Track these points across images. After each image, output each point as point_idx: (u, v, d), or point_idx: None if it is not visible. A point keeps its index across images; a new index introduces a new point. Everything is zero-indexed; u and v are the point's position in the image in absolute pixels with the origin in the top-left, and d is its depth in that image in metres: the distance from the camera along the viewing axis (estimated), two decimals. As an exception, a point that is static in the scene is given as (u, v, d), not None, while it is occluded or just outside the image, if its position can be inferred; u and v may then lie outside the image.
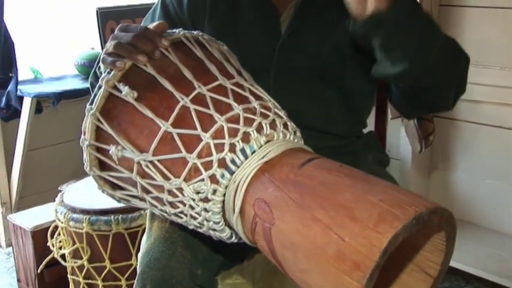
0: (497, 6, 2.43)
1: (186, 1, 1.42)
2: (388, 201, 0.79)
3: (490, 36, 2.48)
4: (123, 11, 2.94)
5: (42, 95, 2.61)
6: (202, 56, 1.04)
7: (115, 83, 1.00)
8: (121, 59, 1.01)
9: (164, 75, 0.99)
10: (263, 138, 0.94)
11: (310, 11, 1.36)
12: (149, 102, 0.97)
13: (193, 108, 0.95)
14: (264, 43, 1.37)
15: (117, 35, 1.06)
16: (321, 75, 1.37)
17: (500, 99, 2.46)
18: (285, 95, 1.13)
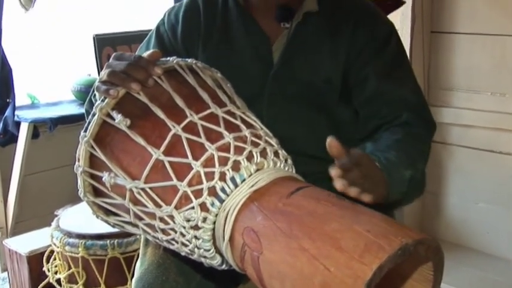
0: (486, 33, 2.47)
1: (180, 30, 1.43)
2: (374, 231, 0.80)
3: (480, 62, 2.51)
4: (120, 38, 2.96)
5: (39, 120, 2.62)
6: (195, 83, 1.05)
7: (108, 110, 1.01)
8: (114, 87, 1.02)
9: (157, 104, 1.00)
10: (253, 166, 0.95)
11: (303, 40, 1.37)
12: (142, 130, 0.98)
13: (185, 137, 0.96)
14: (257, 71, 1.38)
15: (111, 63, 1.07)
16: (313, 103, 1.38)
17: (491, 123, 2.48)
18: (277, 122, 1.14)
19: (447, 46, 2.59)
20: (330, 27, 1.37)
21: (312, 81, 1.36)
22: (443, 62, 2.60)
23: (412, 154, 1.22)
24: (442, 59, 2.61)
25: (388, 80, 1.34)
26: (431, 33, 2.61)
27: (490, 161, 2.54)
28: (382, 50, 1.37)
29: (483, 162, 2.56)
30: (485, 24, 2.47)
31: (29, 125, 2.59)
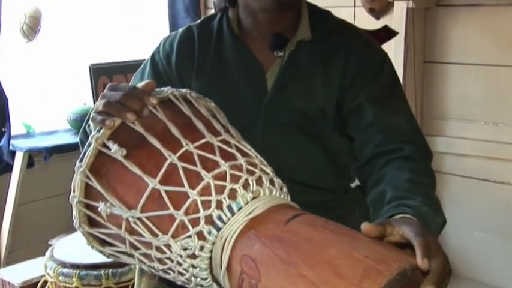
0: (479, 63, 2.50)
1: (174, 59, 1.44)
2: (372, 257, 0.80)
3: (473, 92, 2.53)
4: (115, 67, 2.98)
5: (34, 149, 2.63)
6: (190, 113, 1.06)
7: (104, 140, 1.01)
8: (110, 118, 1.02)
9: (152, 133, 1.00)
10: (249, 194, 0.95)
11: (296, 69, 1.38)
12: (137, 160, 0.98)
13: (181, 166, 0.96)
14: (251, 100, 1.39)
15: (106, 94, 1.08)
16: (307, 131, 1.38)
17: (485, 152, 2.49)
18: (271, 150, 1.14)
19: (440, 76, 2.62)
20: (323, 55, 1.38)
21: (306, 110, 1.37)
22: (437, 92, 2.63)
23: (434, 196, 1.21)
24: (435, 88, 2.63)
25: (384, 108, 1.34)
26: (424, 63, 2.63)
27: (484, 190, 2.54)
28: (376, 78, 1.37)
29: (478, 191, 2.56)
30: (478, 54, 2.50)
31: (24, 154, 2.59)
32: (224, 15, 1.46)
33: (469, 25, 2.51)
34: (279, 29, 1.39)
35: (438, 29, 2.59)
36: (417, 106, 2.58)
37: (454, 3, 2.53)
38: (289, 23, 1.40)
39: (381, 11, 2.70)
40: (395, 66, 2.46)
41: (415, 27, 2.51)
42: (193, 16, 3.45)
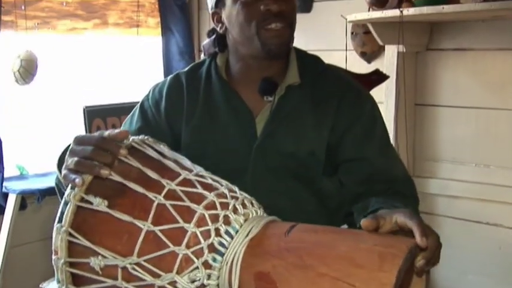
0: (469, 106, 2.53)
1: (163, 105, 1.46)
2: (380, 244, 0.90)
3: (464, 134, 2.56)
4: (109, 109, 2.99)
5: (27, 191, 2.61)
6: (158, 156, 1.08)
7: (82, 195, 1.01)
8: (80, 175, 1.01)
9: (131, 180, 1.01)
10: (241, 217, 0.99)
11: (286, 113, 1.40)
12: (122, 208, 0.99)
13: (169, 204, 0.98)
14: (241, 144, 1.41)
15: (75, 150, 1.05)
16: (297, 175, 1.40)
17: (477, 194, 2.50)
18: (262, 194, 1.14)
19: (431, 118, 2.64)
20: (313, 100, 1.41)
21: (295, 153, 1.39)
22: (428, 134, 2.65)
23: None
24: (427, 130, 2.66)
25: (382, 160, 1.41)
26: (415, 105, 2.66)
27: (477, 232, 2.54)
28: (373, 130, 1.43)
29: (471, 233, 2.56)
30: (468, 97, 2.53)
31: (17, 197, 2.58)
32: (212, 62, 1.49)
33: (459, 69, 2.55)
34: (268, 74, 1.42)
35: (429, 73, 2.63)
36: (409, 148, 2.60)
37: (443, 48, 2.58)
38: (278, 68, 1.43)
39: (373, 55, 2.75)
40: (387, 109, 2.52)
41: (406, 70, 2.54)
42: (188, 59, 3.50)
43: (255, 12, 1.35)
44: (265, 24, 1.35)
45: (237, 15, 1.37)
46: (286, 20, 1.37)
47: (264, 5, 1.34)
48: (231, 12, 1.38)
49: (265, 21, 1.35)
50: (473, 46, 2.49)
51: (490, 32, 2.42)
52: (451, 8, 2.07)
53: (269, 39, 1.36)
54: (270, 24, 1.35)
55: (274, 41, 1.36)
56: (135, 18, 3.45)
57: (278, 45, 1.37)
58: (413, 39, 2.54)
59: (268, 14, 1.35)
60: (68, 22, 3.18)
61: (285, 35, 1.38)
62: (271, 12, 1.34)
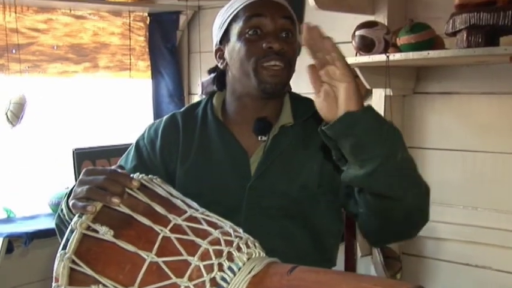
0: (455, 148, 2.56)
1: (159, 144, 1.48)
2: (380, 284, 0.91)
3: (451, 177, 2.58)
4: (99, 152, 3.00)
5: (14, 234, 2.59)
6: (166, 194, 1.11)
7: (89, 224, 1.03)
8: (91, 203, 1.04)
9: (138, 212, 1.04)
10: (245, 256, 1.00)
11: (279, 152, 1.43)
12: (128, 238, 1.01)
13: (174, 237, 1.00)
14: (235, 184, 1.42)
15: (85, 179, 1.09)
16: (290, 213, 1.41)
17: (465, 237, 2.51)
18: (255, 234, 1.14)
19: (419, 161, 2.65)
20: (304, 138, 1.44)
21: (288, 191, 1.41)
22: (416, 177, 2.66)
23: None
24: (415, 173, 2.67)
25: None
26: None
27: (466, 275, 2.54)
28: None
29: (460, 275, 2.56)
30: (454, 140, 2.56)
31: (4, 240, 2.55)
32: (209, 102, 1.52)
33: (445, 112, 2.59)
34: (263, 114, 1.45)
35: (416, 116, 2.66)
36: (397, 190, 2.61)
37: (430, 91, 2.62)
38: (272, 109, 1.47)
39: (360, 98, 2.77)
40: (375, 152, 2.52)
41: (394, 113, 2.57)
42: (177, 101, 3.53)
43: (256, 48, 1.39)
44: (264, 61, 1.38)
45: (239, 51, 1.41)
46: (285, 59, 1.40)
47: (267, 43, 1.38)
48: (234, 48, 1.42)
49: (264, 57, 1.38)
50: (459, 90, 2.53)
51: (475, 77, 2.47)
52: (436, 54, 2.11)
53: (266, 77, 1.39)
54: (269, 62, 1.38)
55: (271, 80, 1.39)
56: (125, 61, 3.49)
57: (274, 84, 1.40)
58: (400, 83, 2.58)
59: (269, 52, 1.38)
60: (58, 65, 3.21)
61: (282, 75, 1.41)
62: (272, 50, 1.38)
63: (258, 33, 1.40)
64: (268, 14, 1.40)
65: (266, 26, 1.40)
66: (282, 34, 1.41)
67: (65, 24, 3.23)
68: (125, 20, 3.46)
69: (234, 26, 1.43)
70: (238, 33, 1.42)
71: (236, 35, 1.42)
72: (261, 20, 1.40)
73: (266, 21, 1.40)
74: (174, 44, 3.56)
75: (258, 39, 1.39)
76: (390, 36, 2.31)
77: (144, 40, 3.56)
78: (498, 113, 2.44)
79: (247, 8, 1.42)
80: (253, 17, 1.40)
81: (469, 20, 1.94)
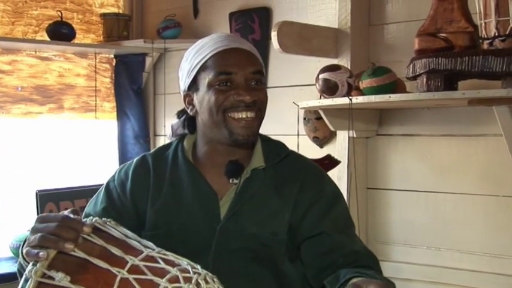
0: (418, 189, 2.59)
1: (129, 186, 1.48)
2: None
3: (415, 217, 2.60)
4: (63, 193, 2.96)
5: (-27, 279, 2.53)
6: (121, 235, 1.11)
7: (44, 271, 1.02)
8: (44, 250, 1.03)
9: (94, 256, 1.03)
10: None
11: (250, 195, 1.44)
12: (84, 283, 1.00)
13: (133, 278, 1.00)
14: (204, 225, 1.42)
15: (37, 227, 1.09)
16: (259, 257, 1.41)
17: (429, 277, 2.51)
18: (223, 277, 1.15)
19: (383, 202, 2.69)
20: (276, 183, 1.45)
21: (258, 234, 1.41)
22: (380, 217, 2.69)
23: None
24: (379, 214, 2.69)
25: (342, 236, 1.43)
26: (367, 189, 2.71)
27: (431, 315, 2.55)
28: (333, 208, 1.46)
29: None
30: (417, 181, 2.59)
31: (-37, 284, 2.49)
32: (179, 144, 1.53)
33: (407, 153, 2.62)
34: (234, 158, 1.46)
35: (379, 157, 2.69)
36: (362, 231, 2.62)
37: (392, 133, 2.66)
38: (244, 153, 1.47)
39: (325, 140, 2.81)
40: (340, 192, 2.54)
41: (357, 155, 2.59)
42: (142, 143, 3.51)
43: (226, 100, 1.40)
44: (234, 112, 1.40)
45: (208, 101, 1.41)
46: (256, 108, 1.42)
47: (238, 95, 1.39)
48: (204, 97, 1.42)
49: (234, 109, 1.40)
50: (420, 132, 2.57)
51: (435, 119, 2.52)
52: (397, 97, 2.15)
53: (237, 128, 1.40)
54: (239, 113, 1.39)
55: (242, 132, 1.40)
56: (90, 102, 3.48)
57: (246, 136, 1.41)
58: (363, 125, 2.62)
59: (240, 103, 1.39)
60: (22, 106, 3.19)
61: (253, 125, 1.42)
62: (243, 102, 1.39)
63: (228, 85, 1.40)
64: (238, 71, 1.40)
65: (236, 79, 1.41)
66: (252, 83, 1.42)
67: (30, 66, 3.22)
68: (91, 62, 3.47)
69: (203, 76, 1.43)
70: (208, 84, 1.41)
71: (205, 85, 1.42)
72: (231, 77, 1.40)
73: (236, 76, 1.41)
74: (140, 86, 3.56)
75: (228, 89, 1.40)
76: (353, 79, 2.35)
77: (110, 81, 3.56)
78: (457, 154, 2.48)
79: (216, 60, 1.42)
80: (223, 74, 1.40)
81: (429, 64, 1.99)
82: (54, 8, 3.29)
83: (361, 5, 2.67)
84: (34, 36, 3.23)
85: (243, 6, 3.16)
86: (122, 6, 3.61)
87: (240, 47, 1.45)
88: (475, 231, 2.44)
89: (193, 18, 3.39)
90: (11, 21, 3.14)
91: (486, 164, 2.41)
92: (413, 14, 2.54)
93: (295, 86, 2.94)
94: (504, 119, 2.02)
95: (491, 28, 1.92)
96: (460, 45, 2.00)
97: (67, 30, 3.19)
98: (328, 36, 2.66)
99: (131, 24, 3.54)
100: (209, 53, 1.43)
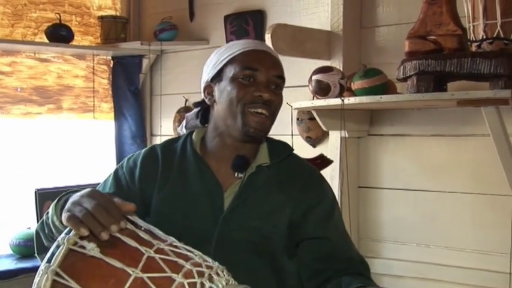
0: (408, 188, 2.59)
1: (138, 173, 1.50)
2: None
3: (405, 215, 2.61)
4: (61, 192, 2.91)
5: (-27, 276, 2.50)
6: (147, 225, 1.17)
7: (76, 240, 1.07)
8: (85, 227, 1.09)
9: (124, 235, 1.09)
10: (223, 280, 1.07)
11: (254, 190, 1.46)
12: (113, 256, 1.05)
13: (159, 257, 1.05)
14: (208, 216, 1.44)
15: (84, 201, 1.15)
16: (259, 249, 1.43)
17: (419, 274, 2.52)
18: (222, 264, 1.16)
19: (374, 200, 2.69)
20: (278, 180, 1.48)
21: (259, 228, 1.43)
22: (371, 215, 2.69)
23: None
24: (370, 212, 2.70)
25: (341, 241, 1.49)
26: (358, 188, 2.71)
27: (420, 310, 2.55)
28: (332, 213, 1.50)
29: (414, 311, 2.56)
30: (407, 179, 2.59)
31: (-37, 281, 2.46)
32: (188, 138, 1.56)
33: (397, 153, 2.63)
34: (242, 152, 1.48)
35: (370, 157, 2.70)
36: (353, 229, 2.62)
37: (383, 133, 2.66)
38: (250, 149, 1.50)
39: (317, 140, 2.81)
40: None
41: (349, 154, 2.60)
42: (139, 142, 3.51)
43: (247, 94, 1.44)
44: (252, 107, 1.43)
45: (230, 92, 1.45)
46: (271, 109, 1.46)
47: (258, 91, 1.44)
48: (226, 88, 1.46)
49: (253, 104, 1.43)
50: (410, 132, 2.58)
51: (425, 120, 2.52)
52: (388, 98, 2.16)
53: (251, 122, 1.44)
54: (256, 108, 1.43)
55: (255, 125, 1.44)
56: (88, 103, 3.47)
57: (258, 130, 1.45)
58: (355, 126, 2.62)
59: (258, 99, 1.43)
60: (22, 107, 3.17)
61: (266, 123, 1.46)
62: (261, 99, 1.43)
63: (251, 81, 1.44)
64: (263, 70, 1.45)
65: (259, 77, 1.45)
66: (272, 86, 1.47)
67: (29, 67, 3.20)
68: (89, 63, 3.45)
69: (229, 69, 1.47)
70: (232, 76, 1.45)
71: (230, 77, 1.46)
72: (255, 73, 1.45)
73: (260, 75, 1.45)
74: (137, 87, 3.55)
75: (250, 85, 1.44)
76: (345, 80, 2.35)
77: (107, 83, 3.55)
78: (447, 154, 2.49)
79: (245, 56, 1.47)
80: (249, 69, 1.45)
81: (419, 66, 1.99)
82: (53, 10, 3.27)
83: (353, 8, 2.68)
84: (33, 38, 3.21)
85: (238, 9, 3.15)
86: (120, 9, 3.59)
87: (269, 51, 1.52)
88: (463, 229, 2.45)
89: (189, 20, 3.37)
90: (10, 23, 3.12)
91: (474, 164, 2.41)
92: (404, 17, 2.55)
93: (288, 87, 2.90)
94: (492, 119, 2.02)
95: (479, 31, 1.93)
96: (449, 47, 2.01)
97: (65, 33, 3.18)
98: (321, 39, 2.66)
99: (128, 26, 3.53)
100: (240, 49, 1.48)
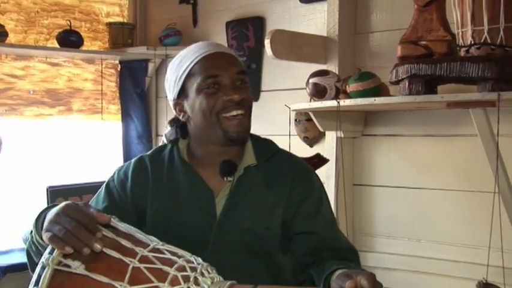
0: (400, 185, 2.61)
1: (129, 185, 1.48)
2: None
3: (397, 212, 2.62)
4: (71, 189, 2.97)
5: (-12, 268, 2.54)
6: (128, 229, 1.14)
7: (60, 259, 1.04)
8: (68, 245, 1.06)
9: (106, 247, 1.06)
10: (208, 279, 1.05)
11: (244, 192, 1.44)
12: (98, 271, 1.02)
13: (144, 267, 1.02)
14: (202, 222, 1.43)
15: (60, 220, 1.10)
16: (254, 250, 1.42)
17: (410, 267, 2.53)
18: (220, 267, 1.17)
19: (368, 197, 2.70)
20: (267, 179, 1.46)
21: (253, 229, 1.42)
22: (365, 211, 2.71)
23: None
24: (364, 208, 2.71)
25: (329, 234, 1.46)
26: (353, 185, 2.72)
27: (411, 302, 2.57)
28: (320, 206, 1.48)
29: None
30: (399, 177, 2.61)
31: (-22, 274, 2.50)
32: (174, 146, 1.51)
33: (391, 152, 2.64)
34: (227, 157, 1.46)
35: (364, 156, 2.71)
36: (348, 224, 2.64)
37: (377, 134, 2.67)
38: (236, 152, 1.48)
39: (314, 140, 2.82)
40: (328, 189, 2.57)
41: (344, 154, 2.60)
42: (145, 143, 3.53)
43: (217, 101, 1.41)
44: (226, 112, 1.41)
45: (200, 104, 1.42)
46: (245, 107, 1.43)
47: (226, 95, 1.40)
48: (195, 102, 1.43)
49: (226, 109, 1.41)
50: (403, 132, 2.59)
51: (416, 121, 2.54)
52: (382, 100, 2.17)
53: (230, 126, 1.41)
54: (230, 112, 1.41)
55: (235, 129, 1.41)
56: (97, 105, 3.50)
57: (239, 132, 1.42)
58: (350, 126, 2.63)
59: (230, 103, 1.41)
60: (34, 109, 3.21)
61: (244, 122, 1.43)
62: (232, 101, 1.41)
63: (216, 87, 1.41)
64: (224, 73, 1.42)
65: (223, 81, 1.42)
66: (237, 83, 1.43)
67: (41, 71, 3.24)
68: (97, 67, 3.48)
69: (191, 82, 1.43)
70: (197, 89, 1.42)
71: (194, 90, 1.43)
72: (218, 79, 1.42)
73: (223, 78, 1.42)
74: (143, 89, 3.57)
75: (217, 91, 1.41)
76: (341, 83, 2.36)
77: (115, 85, 3.58)
78: (437, 153, 2.50)
79: (201, 65, 1.43)
80: (210, 77, 1.41)
81: (410, 70, 2.00)
82: (63, 17, 3.31)
83: (348, 15, 2.68)
84: (45, 44, 3.25)
85: (239, 15, 3.17)
86: (127, 15, 3.62)
87: (221, 51, 1.47)
88: (452, 224, 2.46)
89: (192, 26, 3.40)
90: (24, 29, 3.17)
91: (463, 162, 2.43)
92: (396, 23, 2.55)
93: (287, 90, 2.96)
94: (479, 120, 2.03)
95: (468, 37, 1.93)
96: (439, 52, 2.01)
97: (75, 38, 3.21)
98: (318, 44, 2.67)
99: (135, 32, 3.56)
100: (193, 60, 1.43)
